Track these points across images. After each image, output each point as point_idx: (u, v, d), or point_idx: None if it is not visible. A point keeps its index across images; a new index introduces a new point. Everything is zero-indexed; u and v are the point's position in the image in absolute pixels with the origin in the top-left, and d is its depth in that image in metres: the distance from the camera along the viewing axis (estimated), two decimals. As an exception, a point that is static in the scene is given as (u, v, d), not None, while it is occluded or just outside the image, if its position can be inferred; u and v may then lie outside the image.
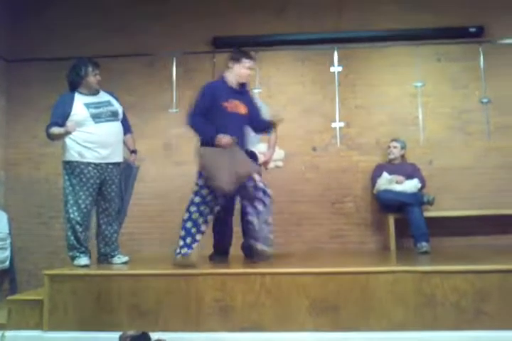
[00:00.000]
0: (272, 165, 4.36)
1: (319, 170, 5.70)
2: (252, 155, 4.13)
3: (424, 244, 4.48)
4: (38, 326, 3.36)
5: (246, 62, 3.89)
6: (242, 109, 3.87)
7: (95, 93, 4.00)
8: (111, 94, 4.14)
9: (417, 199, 4.78)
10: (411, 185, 4.94)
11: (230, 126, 3.73)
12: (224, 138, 3.63)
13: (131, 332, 1.61)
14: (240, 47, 5.69)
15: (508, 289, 3.15)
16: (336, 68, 5.76)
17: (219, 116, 3.76)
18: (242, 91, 3.94)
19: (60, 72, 4.21)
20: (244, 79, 3.92)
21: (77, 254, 3.81)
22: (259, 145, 4.28)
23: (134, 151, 4.23)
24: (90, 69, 3.94)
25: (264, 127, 4.04)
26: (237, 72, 3.88)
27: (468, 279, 3.18)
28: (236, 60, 3.88)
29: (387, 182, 4.98)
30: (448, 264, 3.42)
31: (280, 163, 4.41)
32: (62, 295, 3.37)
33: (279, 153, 4.39)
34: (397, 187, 4.94)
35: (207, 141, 3.71)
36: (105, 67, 4.18)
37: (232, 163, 3.64)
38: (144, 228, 5.54)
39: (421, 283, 3.19)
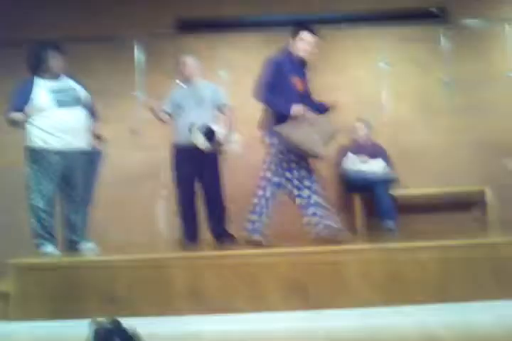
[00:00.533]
0: (228, 147, 4.33)
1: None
2: (211, 132, 4.14)
3: (390, 222, 4.58)
4: (4, 316, 3.30)
5: (307, 37, 3.81)
6: (300, 86, 3.81)
7: (57, 78, 3.91)
8: (74, 79, 4.05)
9: (383, 179, 4.85)
10: (377, 165, 4.99)
11: (293, 102, 3.68)
12: (297, 108, 3.62)
13: (104, 323, 1.59)
14: (204, 29, 5.71)
15: (470, 264, 3.24)
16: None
17: (283, 92, 3.72)
18: (303, 68, 3.88)
19: (19, 56, 4.10)
20: (303, 54, 3.84)
21: (43, 241, 3.75)
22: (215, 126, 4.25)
23: (98, 137, 4.16)
24: (50, 52, 3.85)
25: (317, 108, 3.88)
26: (299, 47, 3.81)
27: (433, 255, 3.26)
28: (297, 33, 3.81)
29: (352, 162, 5.03)
30: (413, 241, 3.49)
31: (236, 146, 4.37)
32: (29, 284, 3.31)
33: (234, 136, 4.36)
34: (363, 167, 4.99)
35: (282, 115, 3.66)
36: (66, 51, 4.08)
37: (315, 127, 3.66)
38: (109, 214, 5.48)
39: (388, 260, 3.26)
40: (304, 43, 3.80)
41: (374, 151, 5.20)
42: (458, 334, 2.79)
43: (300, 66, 3.87)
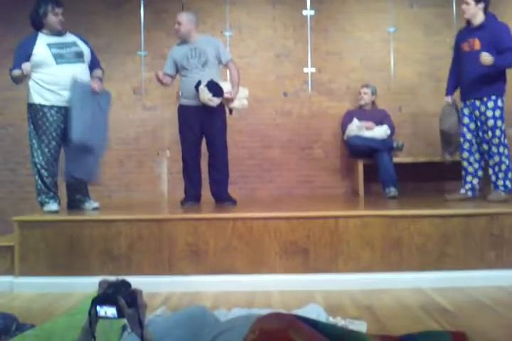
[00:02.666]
0: (237, 103, 4.27)
1: (290, 115, 5.69)
2: (217, 88, 4.09)
3: (392, 189, 4.58)
4: (9, 271, 3.37)
5: None
6: (477, 45, 3.94)
7: (60, 34, 3.83)
8: (79, 36, 3.97)
9: (387, 145, 4.83)
10: (380, 132, 4.96)
11: (464, 67, 4.07)
12: None
13: (111, 279, 1.63)
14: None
15: (469, 232, 3.27)
16: (308, 12, 5.63)
17: (459, 60, 4.16)
18: (481, 27, 3.97)
19: (22, 12, 4.02)
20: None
21: (46, 200, 3.77)
22: (222, 83, 4.17)
23: (98, 78, 3.99)
24: (50, 8, 3.75)
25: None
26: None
27: (433, 223, 3.28)
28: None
29: (357, 128, 4.99)
30: (415, 209, 3.50)
31: (245, 102, 4.31)
32: (32, 241, 3.36)
33: (243, 91, 4.30)
34: (367, 133, 4.97)
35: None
36: (71, 8, 3.99)
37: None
38: (113, 173, 5.51)
39: (389, 227, 3.28)
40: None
41: (379, 117, 5.16)
42: (455, 301, 2.84)
43: (477, 27, 4.01)
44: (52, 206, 3.74)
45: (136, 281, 1.74)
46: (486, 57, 3.72)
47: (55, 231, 3.37)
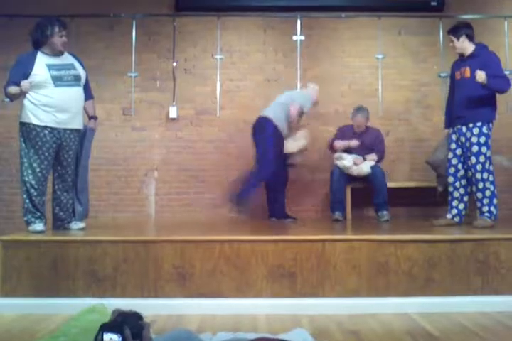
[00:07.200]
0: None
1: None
2: None
3: (385, 212, 4.65)
4: (-9, 292, 3.32)
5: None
6: (467, 73, 4.01)
7: (59, 54, 3.84)
8: (75, 57, 3.99)
9: (380, 171, 4.83)
10: (366, 166, 4.87)
11: (456, 95, 4.13)
12: None
13: (124, 309, 1.64)
14: (202, 11, 5.65)
15: (454, 258, 3.29)
16: (298, 37, 5.71)
17: (452, 87, 4.24)
18: (472, 56, 4.06)
19: (16, 29, 4.03)
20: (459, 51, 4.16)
21: (33, 220, 3.73)
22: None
23: (93, 117, 4.15)
24: (57, 29, 3.77)
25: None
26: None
27: (419, 248, 3.29)
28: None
29: (347, 162, 4.90)
30: (401, 234, 3.52)
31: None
32: (16, 261, 3.30)
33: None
34: (353, 169, 4.89)
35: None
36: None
37: None
38: (101, 194, 5.49)
39: (375, 252, 3.29)
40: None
41: (371, 140, 5.08)
42: (441, 327, 2.84)
43: (468, 56, 4.10)
44: (38, 226, 3.70)
45: (120, 304, 1.74)
46: (480, 75, 3.76)
47: (39, 251, 3.32)
